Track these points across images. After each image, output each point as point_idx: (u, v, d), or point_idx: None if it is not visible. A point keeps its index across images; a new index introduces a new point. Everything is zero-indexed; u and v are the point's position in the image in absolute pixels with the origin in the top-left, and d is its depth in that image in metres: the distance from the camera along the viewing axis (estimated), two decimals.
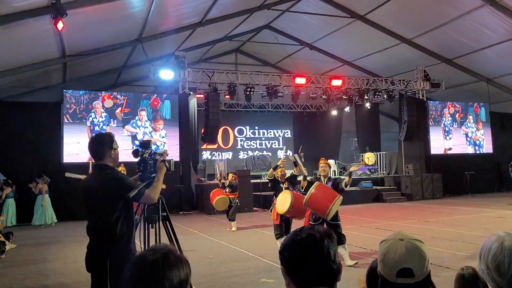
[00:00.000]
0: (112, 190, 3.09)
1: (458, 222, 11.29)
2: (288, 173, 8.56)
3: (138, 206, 3.85)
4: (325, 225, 6.66)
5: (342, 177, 7.35)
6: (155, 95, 16.74)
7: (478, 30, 16.09)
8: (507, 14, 14.58)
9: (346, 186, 7.04)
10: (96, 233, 3.15)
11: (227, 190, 11.14)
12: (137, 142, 15.00)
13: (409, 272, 1.53)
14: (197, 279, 6.14)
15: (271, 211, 8.06)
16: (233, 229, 10.83)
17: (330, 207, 6.55)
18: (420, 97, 19.66)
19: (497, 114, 21.29)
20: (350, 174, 7.30)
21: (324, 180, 7.25)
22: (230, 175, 11.47)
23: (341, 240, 6.69)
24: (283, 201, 7.42)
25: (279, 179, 8.21)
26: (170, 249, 1.48)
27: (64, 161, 14.56)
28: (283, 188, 7.95)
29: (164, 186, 3.41)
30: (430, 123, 20.11)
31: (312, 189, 6.62)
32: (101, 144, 3.23)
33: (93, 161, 3.32)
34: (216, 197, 10.90)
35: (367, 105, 21.63)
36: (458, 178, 19.12)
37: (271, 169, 8.40)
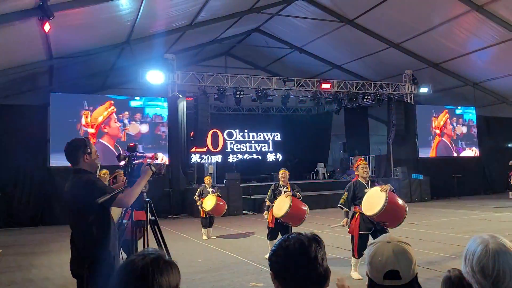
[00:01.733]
0: (83, 194, 3.09)
1: (445, 224, 11.40)
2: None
3: (126, 210, 3.83)
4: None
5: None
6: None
7: (465, 35, 16.32)
8: (493, 20, 14.81)
9: None
10: (74, 237, 3.18)
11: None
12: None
13: (396, 274, 1.55)
14: (186, 283, 6.11)
15: (266, 214, 7.86)
16: (206, 237, 10.57)
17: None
18: (408, 101, 19.84)
19: (483, 117, 21.55)
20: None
21: (367, 183, 6.51)
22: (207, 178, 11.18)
23: None
24: (281, 205, 7.32)
25: (281, 182, 7.84)
26: (159, 254, 1.47)
27: (51, 164, 14.39)
28: (282, 192, 7.62)
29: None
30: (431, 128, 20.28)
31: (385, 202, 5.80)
32: (74, 148, 3.22)
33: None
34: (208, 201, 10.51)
35: (356, 108, 21.75)
36: (446, 181, 19.30)
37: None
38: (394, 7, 15.57)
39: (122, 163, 3.61)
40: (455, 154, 20.87)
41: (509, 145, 21.99)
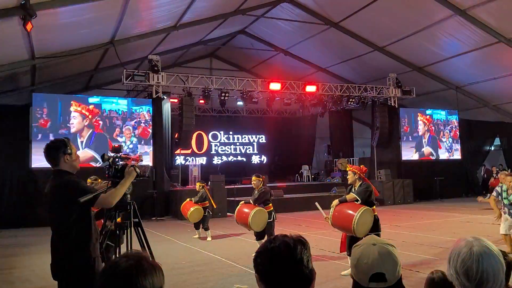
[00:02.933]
0: (65, 194, 3.05)
1: (428, 226, 11.53)
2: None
3: (109, 213, 3.79)
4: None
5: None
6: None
7: (448, 39, 16.56)
8: (476, 25, 15.06)
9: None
10: (55, 239, 3.13)
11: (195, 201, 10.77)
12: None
13: (381, 276, 1.55)
14: (169, 286, 6.04)
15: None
16: (208, 239, 10.54)
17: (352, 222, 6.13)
18: (392, 104, 20.05)
19: (465, 121, 21.90)
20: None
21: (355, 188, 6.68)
22: (198, 184, 11.15)
23: None
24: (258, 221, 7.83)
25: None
26: (143, 256, 1.46)
27: (33, 165, 14.15)
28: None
29: None
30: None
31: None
32: (54, 149, 3.18)
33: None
34: (189, 209, 10.57)
35: (341, 111, 21.91)
36: (428, 184, 19.54)
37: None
38: (378, 10, 15.73)
39: (106, 163, 3.57)
40: (437, 157, 21.11)
41: (489, 148, 22.38)
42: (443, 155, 21.32)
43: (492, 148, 22.57)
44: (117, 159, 3.59)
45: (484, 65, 17.83)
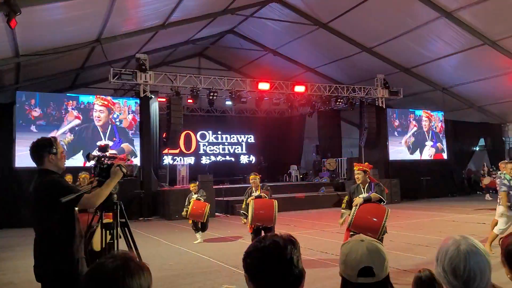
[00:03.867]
0: (47, 193, 3.00)
1: (415, 226, 11.63)
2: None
3: (95, 213, 3.74)
4: None
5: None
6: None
7: (434, 41, 16.74)
8: (462, 27, 15.24)
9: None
10: (38, 240, 3.07)
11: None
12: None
13: (370, 271, 1.55)
14: (157, 286, 6.00)
15: (244, 221, 7.86)
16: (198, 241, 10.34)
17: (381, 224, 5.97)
18: (380, 105, 20.18)
19: (451, 122, 22.15)
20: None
21: (364, 189, 6.33)
22: (194, 185, 10.89)
23: None
24: (249, 211, 7.44)
25: (253, 188, 7.93)
26: (130, 256, 1.43)
27: (17, 165, 13.92)
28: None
29: None
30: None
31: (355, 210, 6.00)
32: (39, 148, 3.13)
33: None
34: (205, 206, 10.03)
35: (329, 111, 22.00)
36: (415, 184, 19.72)
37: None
38: (366, 12, 15.83)
39: (92, 163, 3.51)
40: (425, 157, 21.30)
41: (475, 148, 22.68)
42: (430, 155, 21.51)
43: (477, 148, 22.87)
44: (103, 158, 3.54)
45: (470, 67, 18.07)
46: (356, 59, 19.42)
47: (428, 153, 21.41)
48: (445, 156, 21.88)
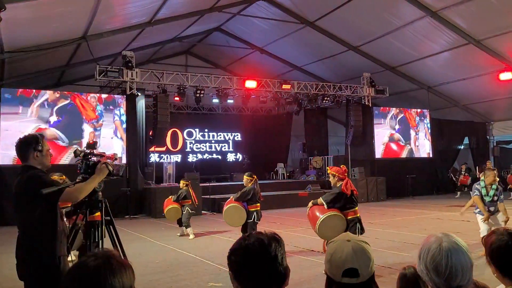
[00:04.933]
0: (28, 188, 2.97)
1: (400, 223, 11.75)
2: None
3: (79, 212, 3.71)
4: None
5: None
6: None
7: (420, 40, 16.91)
8: (447, 26, 15.42)
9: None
10: (20, 236, 3.04)
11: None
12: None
13: (354, 272, 1.56)
14: (142, 284, 5.98)
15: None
16: (191, 236, 10.37)
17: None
18: (366, 103, 20.32)
19: (436, 120, 22.39)
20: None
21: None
22: (182, 182, 11.05)
23: None
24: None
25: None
26: (112, 254, 1.42)
27: (0, 163, 13.71)
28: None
29: None
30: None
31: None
32: (25, 144, 3.12)
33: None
34: (167, 206, 10.61)
35: (316, 109, 22.09)
36: (401, 181, 19.92)
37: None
38: (352, 11, 15.92)
39: (78, 159, 3.48)
40: (410, 155, 21.50)
41: (459, 147, 22.97)
42: (415, 153, 21.72)
43: (462, 147, 23.17)
44: (89, 155, 3.51)
45: (455, 66, 18.29)
46: (342, 57, 19.53)
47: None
48: (430, 154, 22.12)
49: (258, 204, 7.97)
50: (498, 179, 7.62)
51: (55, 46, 14.22)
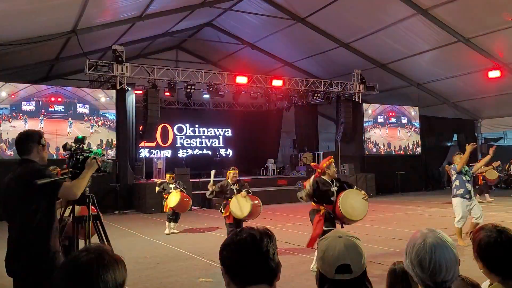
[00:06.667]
0: (27, 180, 2.92)
1: (389, 219, 11.84)
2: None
3: (66, 206, 3.67)
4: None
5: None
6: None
7: (410, 37, 17.00)
8: (437, 24, 15.53)
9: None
10: (12, 230, 2.99)
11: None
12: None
13: (347, 268, 1.57)
14: (132, 279, 5.97)
15: (222, 211, 7.82)
16: (168, 231, 10.40)
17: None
18: (356, 100, 20.40)
19: (425, 117, 22.56)
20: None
21: (332, 182, 6.70)
22: (168, 176, 11.03)
23: None
24: (241, 205, 7.37)
25: (230, 180, 7.85)
26: (104, 249, 1.42)
27: None
28: (235, 190, 7.67)
29: None
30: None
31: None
32: (29, 137, 3.10)
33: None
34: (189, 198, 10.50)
35: (306, 106, 22.13)
36: (390, 178, 20.05)
37: (211, 183, 7.86)
38: (344, 7, 15.95)
39: (67, 153, 3.44)
40: (399, 152, 21.66)
41: (448, 143, 23.19)
42: (404, 149, 21.87)
43: (451, 144, 23.38)
44: (79, 150, 3.47)
45: (444, 64, 18.43)
46: (333, 54, 19.58)
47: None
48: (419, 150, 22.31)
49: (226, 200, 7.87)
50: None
51: (44, 39, 14.06)
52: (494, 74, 17.31)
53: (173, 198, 10.17)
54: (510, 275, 1.94)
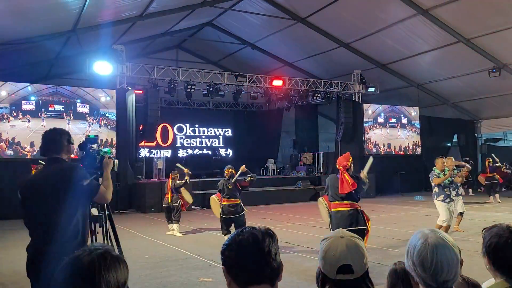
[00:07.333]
0: (70, 180, 2.86)
1: (389, 219, 11.85)
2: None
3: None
4: None
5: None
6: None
7: (411, 38, 16.99)
8: (437, 24, 15.51)
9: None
10: (40, 230, 2.85)
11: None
12: None
13: (348, 268, 1.57)
14: (133, 279, 5.94)
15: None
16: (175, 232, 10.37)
17: None
18: (356, 100, 20.39)
19: (425, 117, 22.56)
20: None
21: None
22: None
23: None
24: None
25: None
26: (107, 249, 1.41)
27: None
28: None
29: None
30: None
31: None
32: (60, 135, 3.05)
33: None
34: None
35: (306, 106, 22.12)
36: (390, 178, 20.04)
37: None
38: (345, 7, 15.94)
39: (82, 152, 3.39)
40: (399, 152, 21.66)
41: (448, 144, 23.18)
42: (404, 150, 21.87)
43: (451, 144, 23.38)
44: (98, 150, 3.43)
45: (444, 64, 18.41)
46: (333, 54, 19.57)
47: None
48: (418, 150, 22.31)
49: (225, 199, 8.48)
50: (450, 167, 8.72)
51: (44, 39, 14.05)
52: (494, 75, 17.31)
53: (188, 195, 10.69)
54: None
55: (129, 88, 16.15)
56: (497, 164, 16.54)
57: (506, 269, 1.98)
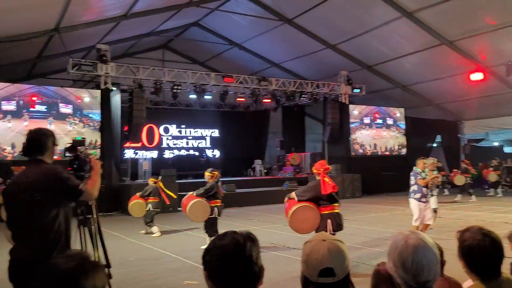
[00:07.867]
0: (52, 182, 2.80)
1: (374, 220, 11.93)
2: None
3: None
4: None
5: None
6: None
7: (396, 40, 17.17)
8: (421, 27, 15.70)
9: None
10: (22, 235, 2.79)
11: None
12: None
13: (330, 271, 1.57)
14: (117, 283, 5.85)
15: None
16: (157, 234, 10.26)
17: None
18: (343, 101, 20.50)
19: (410, 118, 22.78)
20: None
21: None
22: (150, 180, 11.02)
23: None
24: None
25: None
26: (85, 255, 1.40)
27: None
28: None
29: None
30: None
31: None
32: (45, 136, 2.96)
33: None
34: (131, 201, 10.65)
35: (294, 107, 22.17)
36: (376, 178, 20.19)
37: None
38: (331, 9, 16.03)
39: (71, 155, 3.33)
40: (385, 153, 21.84)
41: (432, 144, 23.43)
42: (389, 150, 22.05)
43: (435, 145, 23.65)
44: (85, 152, 3.38)
45: (428, 66, 18.63)
46: (320, 55, 19.66)
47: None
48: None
49: (219, 200, 8.42)
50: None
51: (26, 37, 13.82)
52: (476, 76, 17.54)
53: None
54: (490, 276, 1.99)
55: (114, 89, 15.98)
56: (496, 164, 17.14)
57: (480, 271, 2.01)
